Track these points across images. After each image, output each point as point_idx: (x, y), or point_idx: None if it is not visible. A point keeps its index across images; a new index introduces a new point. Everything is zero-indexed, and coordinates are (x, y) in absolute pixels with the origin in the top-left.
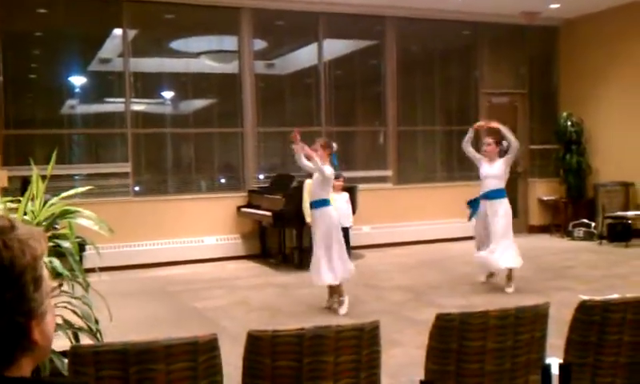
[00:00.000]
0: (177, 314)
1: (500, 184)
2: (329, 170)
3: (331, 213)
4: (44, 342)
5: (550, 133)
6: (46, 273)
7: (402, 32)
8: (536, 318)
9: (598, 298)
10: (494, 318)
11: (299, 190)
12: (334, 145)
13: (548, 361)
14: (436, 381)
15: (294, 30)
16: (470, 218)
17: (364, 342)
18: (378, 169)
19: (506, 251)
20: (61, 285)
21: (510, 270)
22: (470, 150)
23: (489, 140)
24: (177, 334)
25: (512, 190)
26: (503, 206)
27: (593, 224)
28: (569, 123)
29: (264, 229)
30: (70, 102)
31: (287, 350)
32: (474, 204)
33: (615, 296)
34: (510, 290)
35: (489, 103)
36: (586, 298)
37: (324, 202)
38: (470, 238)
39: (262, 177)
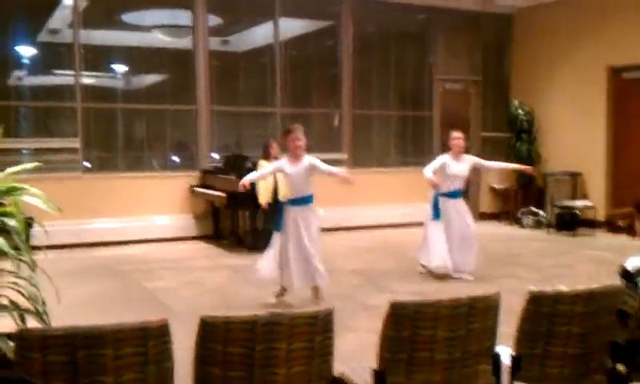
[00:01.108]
0: (127, 294)
1: (463, 183)
2: (314, 160)
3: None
4: None
5: (502, 120)
6: None
7: (359, 14)
8: (487, 308)
9: (547, 288)
10: (446, 308)
11: (253, 170)
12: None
13: (498, 350)
14: (388, 369)
15: (250, 6)
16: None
17: (318, 329)
18: (332, 152)
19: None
20: (2, 270)
21: None
22: (429, 174)
23: (457, 134)
24: (127, 315)
25: None
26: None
27: (541, 212)
28: (520, 111)
29: (217, 209)
30: (18, 73)
31: (240, 337)
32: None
33: (564, 288)
34: (470, 277)
35: (442, 89)
36: (535, 289)
37: (311, 198)
38: (422, 223)
39: (216, 156)
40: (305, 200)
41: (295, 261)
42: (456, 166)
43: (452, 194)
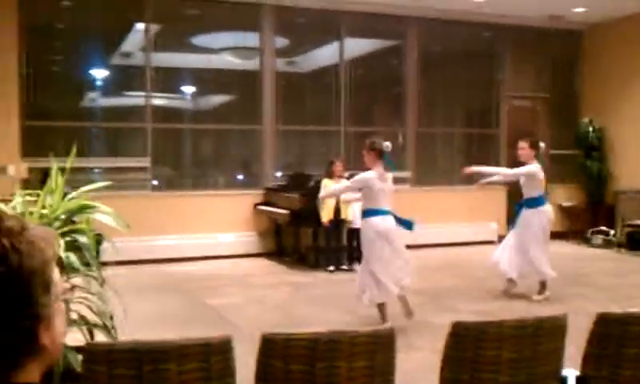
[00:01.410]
0: (191, 310)
1: (532, 192)
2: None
3: None
4: (52, 347)
5: (570, 138)
6: (56, 275)
7: (424, 33)
8: (554, 329)
9: (616, 309)
10: (510, 328)
11: (316, 189)
12: (385, 144)
13: (564, 372)
14: None
15: (315, 27)
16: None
17: (379, 348)
18: (396, 170)
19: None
20: (73, 287)
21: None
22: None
23: (522, 143)
24: (190, 331)
25: None
26: (536, 216)
27: (612, 231)
28: (590, 129)
29: (280, 227)
30: (91, 94)
31: (301, 354)
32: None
33: (634, 309)
34: (538, 297)
35: (510, 106)
36: (604, 309)
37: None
38: (490, 242)
39: (279, 175)
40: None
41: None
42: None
43: (522, 204)
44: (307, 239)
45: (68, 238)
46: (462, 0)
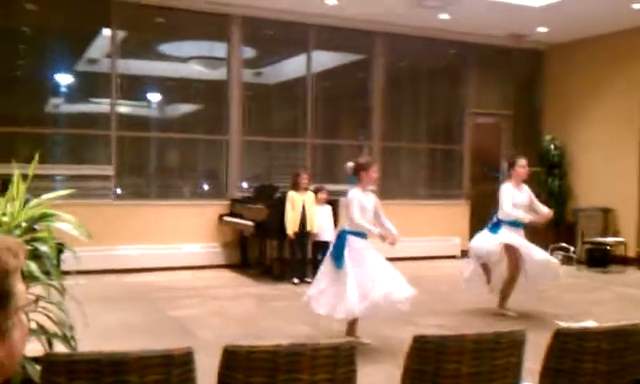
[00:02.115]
0: (153, 321)
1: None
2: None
3: None
4: (9, 360)
5: (533, 155)
6: (18, 288)
7: (391, 48)
8: (513, 343)
9: (574, 324)
10: (470, 342)
11: (282, 200)
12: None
13: None
14: None
15: (283, 39)
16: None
17: (340, 361)
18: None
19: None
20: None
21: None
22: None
23: (524, 161)
24: (152, 342)
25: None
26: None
27: (572, 248)
28: (552, 146)
29: (245, 238)
30: (55, 100)
31: (262, 367)
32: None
33: (591, 323)
34: (512, 313)
35: (473, 123)
36: (562, 324)
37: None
38: (451, 256)
39: (245, 186)
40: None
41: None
42: (519, 194)
43: (513, 224)
44: (272, 251)
45: (28, 247)
46: (428, 17)
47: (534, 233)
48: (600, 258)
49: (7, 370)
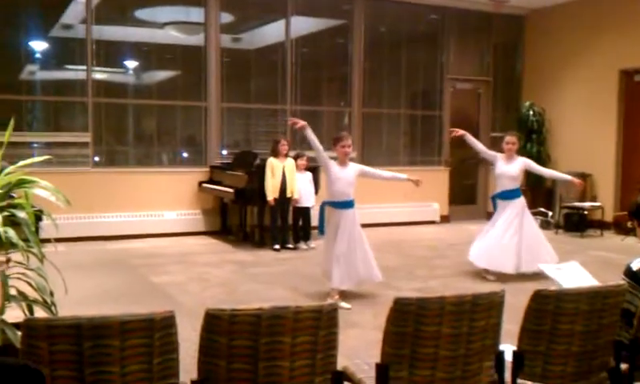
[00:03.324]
0: (134, 288)
1: (515, 184)
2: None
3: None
4: None
5: (512, 121)
6: None
7: (371, 13)
8: (492, 305)
9: (552, 287)
10: (450, 304)
11: (262, 167)
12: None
13: (502, 347)
14: (392, 364)
15: (262, 4)
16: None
17: (322, 323)
18: None
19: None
20: (8, 260)
21: None
22: (480, 149)
23: (513, 138)
24: (133, 308)
25: (472, 177)
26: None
27: (550, 213)
28: (531, 112)
29: (225, 205)
30: (30, 67)
31: (244, 330)
32: (494, 203)
33: (574, 264)
34: (491, 277)
35: (453, 89)
36: (544, 267)
37: (353, 203)
38: (431, 222)
39: (224, 153)
40: (347, 204)
41: (342, 260)
42: (503, 165)
43: (501, 195)
44: (253, 218)
45: (6, 213)
46: None
47: None
48: (577, 223)
49: None
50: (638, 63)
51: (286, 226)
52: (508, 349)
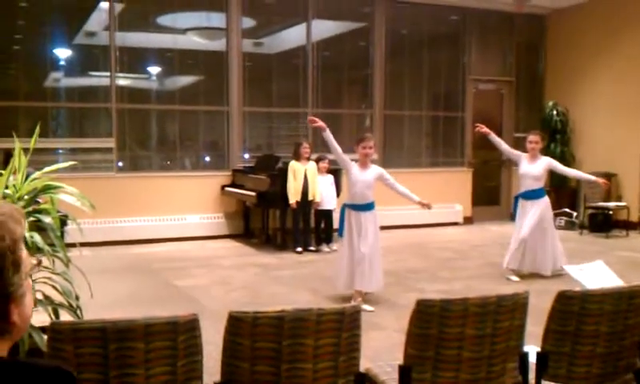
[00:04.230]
0: (158, 291)
1: (539, 184)
2: (384, 172)
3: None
4: (22, 324)
5: (535, 121)
6: (25, 253)
7: (391, 15)
8: (516, 306)
9: (577, 288)
10: (473, 306)
11: (284, 170)
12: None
13: (526, 349)
14: (415, 366)
15: (283, 8)
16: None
17: (345, 326)
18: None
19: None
20: (40, 262)
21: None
22: (504, 149)
23: (536, 137)
24: (157, 312)
25: (495, 178)
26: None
27: (574, 214)
28: (554, 112)
29: (247, 209)
30: (55, 74)
31: (267, 332)
32: (515, 202)
33: (600, 264)
34: (515, 278)
35: (475, 90)
36: (568, 268)
37: (373, 205)
38: (454, 223)
39: (247, 156)
40: (367, 206)
41: (355, 264)
42: (529, 166)
43: (524, 195)
44: (275, 221)
45: (32, 218)
46: None
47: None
48: (602, 223)
49: (20, 332)
50: None
51: (308, 228)
52: (532, 350)
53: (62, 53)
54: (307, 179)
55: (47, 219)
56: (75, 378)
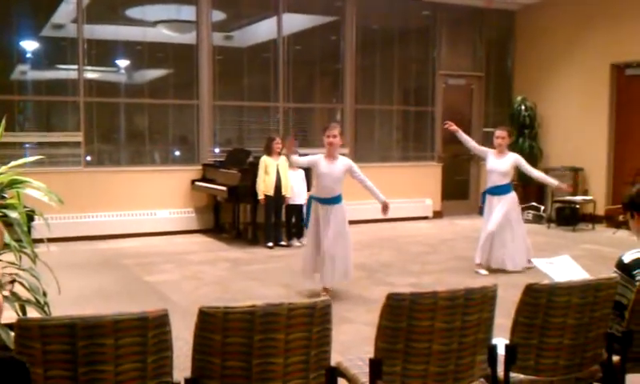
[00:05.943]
0: (127, 287)
1: (505, 179)
2: (353, 164)
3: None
4: None
5: (504, 116)
6: None
7: (362, 9)
8: (484, 299)
9: (544, 281)
10: (443, 299)
11: (255, 165)
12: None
13: (494, 341)
14: (385, 359)
15: (253, 1)
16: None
17: (315, 320)
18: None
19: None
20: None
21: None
22: (472, 146)
23: (499, 132)
24: (127, 307)
25: (465, 172)
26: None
27: (542, 207)
28: (522, 107)
29: (218, 203)
30: (21, 67)
31: (238, 327)
32: (483, 197)
33: (566, 258)
34: (483, 272)
35: (445, 85)
36: (536, 261)
37: (340, 198)
38: (424, 218)
39: (217, 151)
40: (335, 200)
41: (321, 258)
42: (494, 161)
43: (491, 191)
44: (246, 215)
45: None
46: None
47: None
48: (569, 217)
49: None
50: (629, 57)
51: (279, 223)
52: (501, 342)
53: (29, 45)
54: (279, 174)
55: (14, 214)
56: (28, 369)
